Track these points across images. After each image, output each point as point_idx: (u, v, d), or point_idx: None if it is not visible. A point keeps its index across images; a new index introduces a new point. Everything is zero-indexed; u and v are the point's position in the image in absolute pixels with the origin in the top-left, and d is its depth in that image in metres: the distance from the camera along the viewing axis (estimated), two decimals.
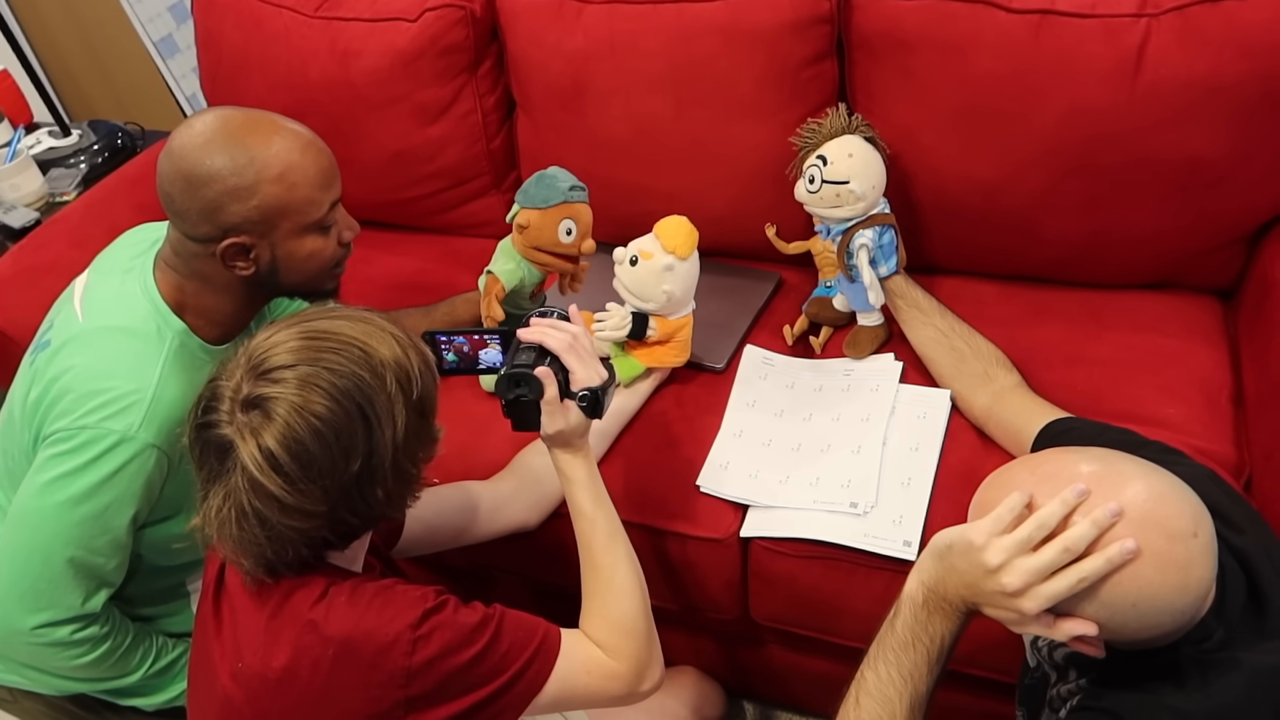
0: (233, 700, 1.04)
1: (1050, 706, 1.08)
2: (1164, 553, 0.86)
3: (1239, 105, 1.39)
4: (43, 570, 1.24)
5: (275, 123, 1.22)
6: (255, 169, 1.17)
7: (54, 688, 1.38)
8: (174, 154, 1.19)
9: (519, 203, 1.49)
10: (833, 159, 1.48)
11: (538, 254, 1.51)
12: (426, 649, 1.01)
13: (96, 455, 1.19)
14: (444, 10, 1.77)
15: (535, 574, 1.65)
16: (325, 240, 1.27)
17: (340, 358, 0.99)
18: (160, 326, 1.25)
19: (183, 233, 1.22)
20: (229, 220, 1.19)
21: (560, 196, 1.47)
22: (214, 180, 1.17)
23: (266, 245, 1.22)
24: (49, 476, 1.21)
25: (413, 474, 1.07)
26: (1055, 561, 0.88)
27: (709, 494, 1.46)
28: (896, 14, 1.51)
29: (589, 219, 1.51)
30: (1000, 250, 1.67)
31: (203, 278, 1.25)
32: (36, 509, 1.22)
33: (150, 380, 1.21)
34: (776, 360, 1.63)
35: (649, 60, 1.66)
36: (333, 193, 1.25)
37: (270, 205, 1.19)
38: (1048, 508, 0.89)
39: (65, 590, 1.25)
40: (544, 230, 1.47)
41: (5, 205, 2.16)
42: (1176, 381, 1.47)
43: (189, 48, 2.81)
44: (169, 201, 1.21)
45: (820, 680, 1.65)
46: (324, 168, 1.24)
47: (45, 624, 1.26)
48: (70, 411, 1.19)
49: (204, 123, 1.20)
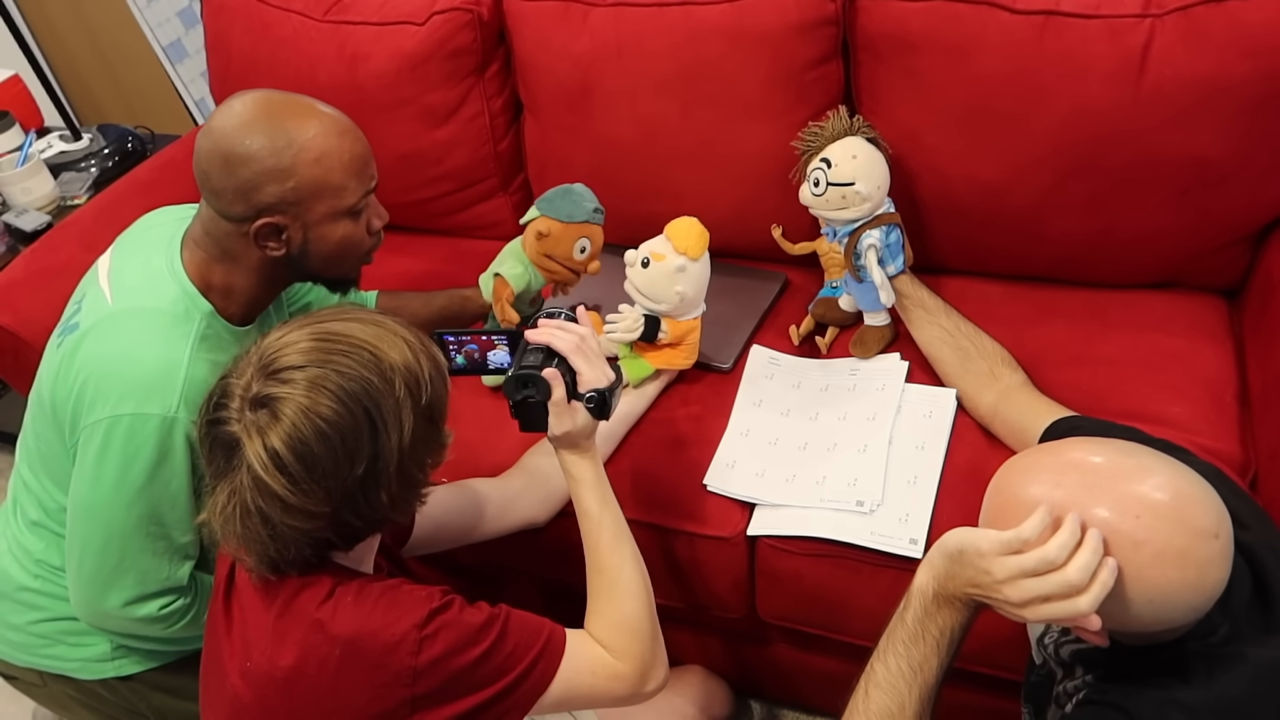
0: (241, 699, 1.05)
1: (1056, 703, 1.08)
2: (1186, 552, 0.86)
3: (1243, 105, 1.39)
4: (120, 557, 1.27)
5: (314, 107, 1.24)
6: (293, 151, 1.19)
7: (90, 672, 1.41)
8: (214, 133, 1.20)
9: (541, 210, 1.51)
10: (837, 161, 1.49)
11: (548, 262, 1.52)
12: (432, 648, 1.02)
13: (142, 440, 1.21)
14: (451, 14, 1.78)
15: (543, 573, 1.66)
16: (356, 226, 1.28)
17: (350, 361, 0.99)
18: (189, 308, 1.26)
19: (217, 211, 1.23)
20: (264, 200, 1.20)
21: (584, 215, 1.51)
22: (252, 160, 1.18)
23: (299, 227, 1.23)
24: (102, 469, 1.22)
25: (419, 479, 1.08)
26: (1056, 591, 0.88)
27: (716, 493, 1.46)
28: (901, 15, 1.51)
29: (601, 242, 1.55)
30: (1005, 250, 1.67)
31: (232, 258, 1.27)
32: (99, 502, 1.24)
33: (181, 360, 1.22)
34: (783, 360, 1.63)
35: (655, 62, 1.67)
36: (366, 179, 1.27)
37: (306, 187, 1.20)
38: (1057, 539, 0.88)
39: (147, 570, 1.28)
40: (562, 243, 1.50)
41: (17, 209, 2.18)
42: (1182, 380, 1.47)
43: (198, 52, 2.83)
44: (205, 179, 1.22)
45: (827, 679, 1.65)
46: (359, 154, 1.25)
47: (131, 600, 1.29)
48: (105, 399, 1.20)
49: (244, 103, 1.21)
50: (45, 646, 1.40)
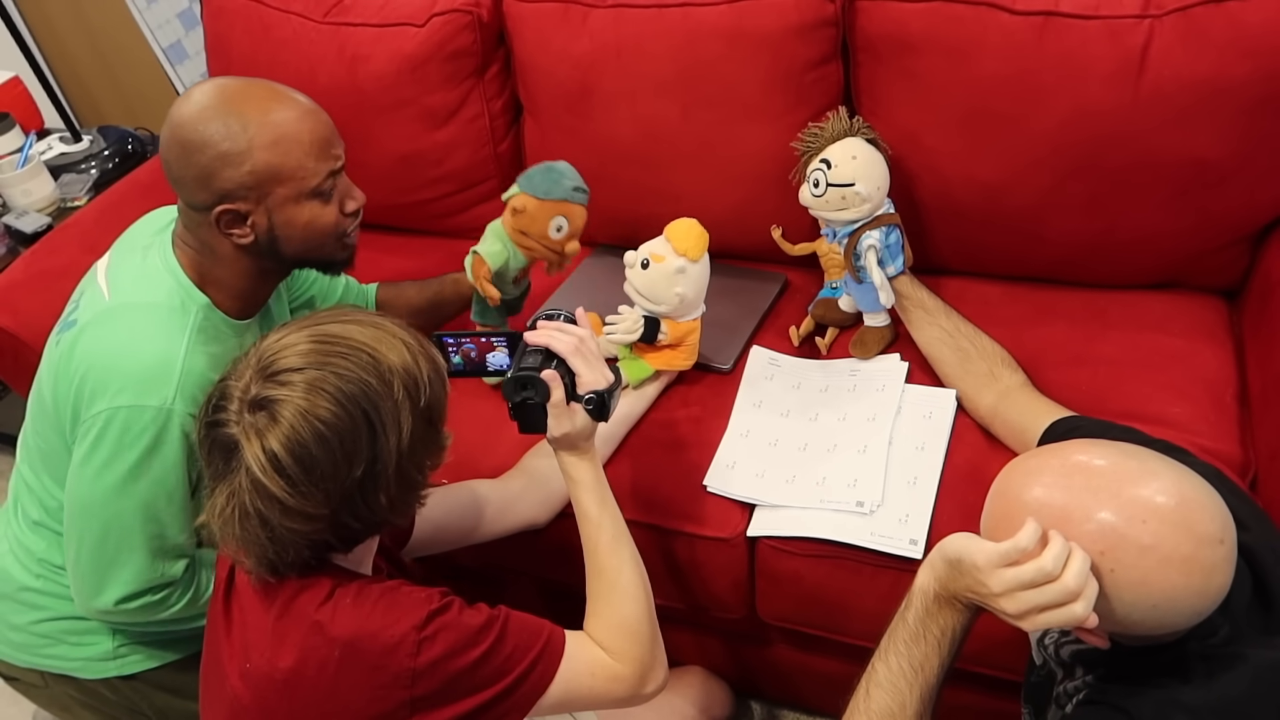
0: (240, 700, 1.05)
1: (1056, 703, 1.08)
2: (1191, 557, 0.86)
3: (1242, 106, 1.39)
4: (116, 552, 1.27)
5: (273, 90, 1.23)
6: (249, 135, 1.18)
7: (93, 671, 1.41)
8: (172, 122, 1.21)
9: (519, 186, 1.50)
10: (836, 162, 1.49)
11: (525, 239, 1.52)
12: (431, 650, 1.02)
13: (138, 431, 1.21)
14: (451, 15, 1.78)
15: (543, 574, 1.66)
16: (325, 208, 1.27)
17: (348, 363, 0.99)
18: (185, 301, 1.26)
19: (185, 201, 1.24)
20: (223, 186, 1.20)
21: (561, 192, 1.48)
22: (207, 146, 1.18)
23: (263, 211, 1.23)
24: (98, 462, 1.22)
25: (418, 480, 1.08)
26: (1053, 600, 0.88)
27: (716, 494, 1.46)
28: (900, 16, 1.51)
29: (581, 222, 1.53)
30: (1005, 251, 1.67)
31: (211, 249, 1.27)
32: (95, 495, 1.24)
33: (178, 353, 1.22)
34: (783, 361, 1.63)
35: (655, 64, 1.67)
36: (330, 160, 1.25)
37: (263, 171, 1.20)
38: (1051, 550, 0.88)
39: (141, 566, 1.28)
40: (536, 220, 1.49)
41: (17, 210, 2.18)
42: (1181, 380, 1.47)
43: (198, 54, 2.83)
44: (168, 168, 1.22)
45: (827, 679, 1.65)
46: (321, 135, 1.24)
47: (125, 597, 1.29)
48: (104, 392, 1.21)
49: (202, 91, 1.22)
50: (47, 646, 1.40)
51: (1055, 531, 0.89)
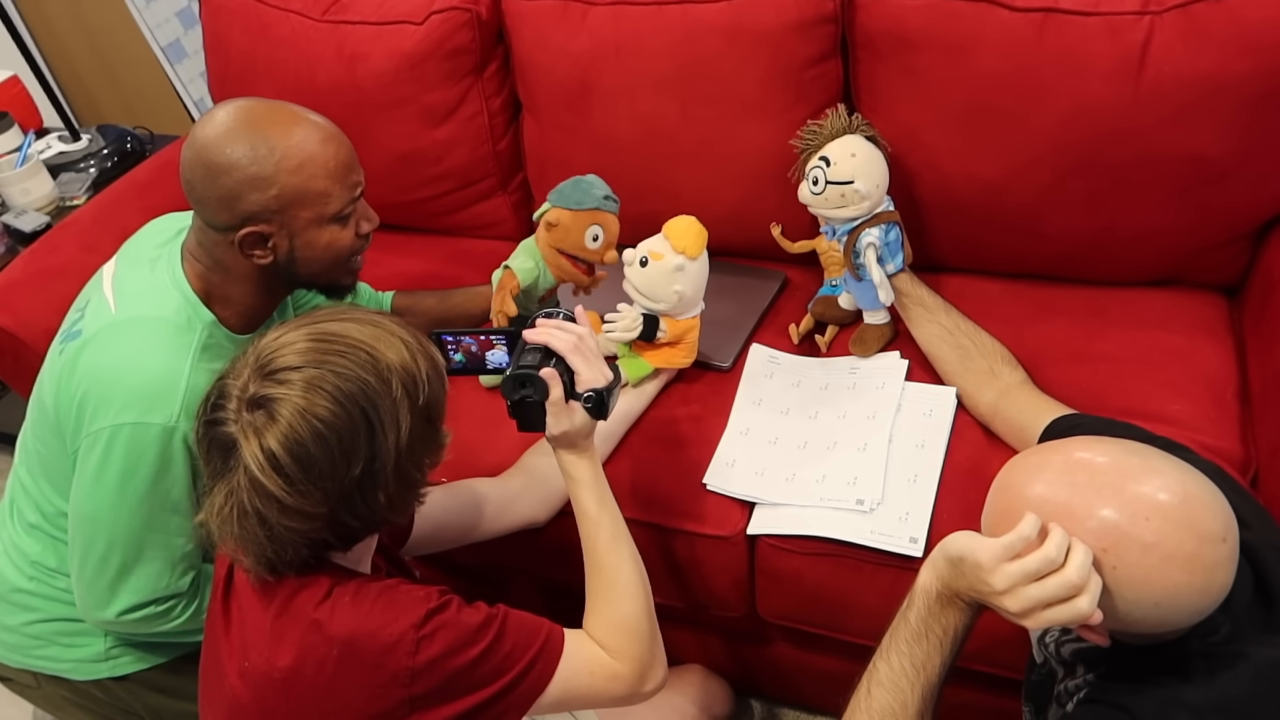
0: (239, 699, 1.05)
1: (1058, 702, 1.08)
2: (1194, 555, 0.86)
3: (1242, 102, 1.39)
4: (122, 565, 1.28)
5: (296, 114, 1.24)
6: (275, 159, 1.19)
7: (85, 672, 1.41)
8: (196, 143, 1.21)
9: (551, 201, 1.51)
10: (836, 159, 1.49)
11: (559, 256, 1.52)
12: (430, 649, 1.01)
13: (144, 448, 1.21)
14: (450, 13, 1.78)
15: (543, 573, 1.66)
16: (343, 231, 1.28)
17: (347, 361, 0.99)
18: (191, 317, 1.26)
19: (205, 221, 1.24)
20: (247, 209, 1.20)
21: (594, 202, 1.49)
22: (234, 169, 1.18)
23: (285, 235, 1.24)
24: (104, 477, 1.23)
25: (416, 479, 1.08)
26: (1057, 594, 0.87)
27: (716, 492, 1.46)
28: (900, 13, 1.51)
29: (616, 230, 1.53)
30: (1005, 248, 1.67)
31: (224, 267, 1.27)
32: (100, 510, 1.25)
33: (182, 371, 1.23)
34: (782, 359, 1.63)
35: (654, 61, 1.66)
36: (351, 185, 1.27)
37: (288, 195, 1.21)
38: (1053, 539, 0.88)
39: (148, 578, 1.29)
40: (571, 231, 1.49)
41: (16, 209, 2.18)
42: (1182, 378, 1.46)
43: (196, 52, 2.83)
44: (190, 189, 1.22)
45: (827, 678, 1.65)
46: (343, 160, 1.25)
47: (129, 608, 1.30)
48: (108, 408, 1.21)
49: (226, 112, 1.22)
50: (39, 647, 1.40)
51: (1055, 524, 0.89)
